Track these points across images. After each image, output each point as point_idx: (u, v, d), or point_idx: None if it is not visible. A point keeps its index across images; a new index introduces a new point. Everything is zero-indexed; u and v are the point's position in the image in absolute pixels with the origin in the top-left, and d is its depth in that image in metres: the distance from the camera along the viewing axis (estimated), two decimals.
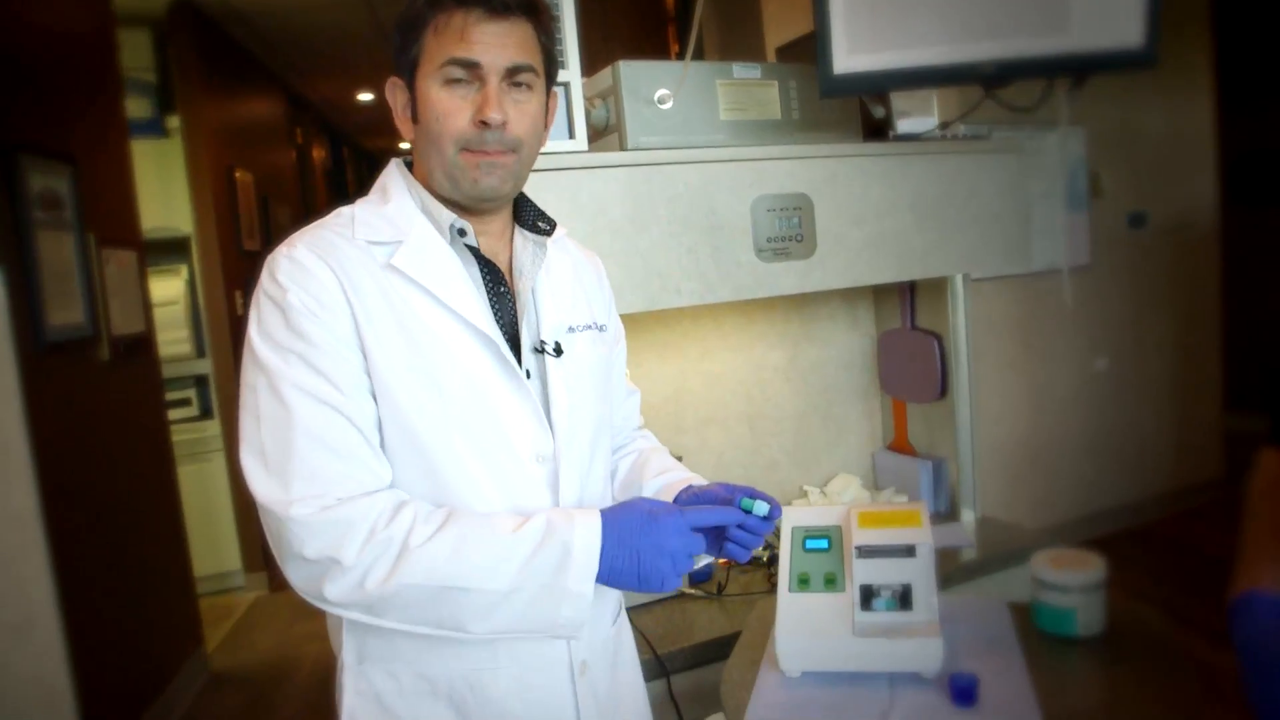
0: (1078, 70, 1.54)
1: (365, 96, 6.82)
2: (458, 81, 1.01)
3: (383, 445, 1.00)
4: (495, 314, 1.07)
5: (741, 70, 1.68)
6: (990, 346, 3.88)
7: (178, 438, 3.94)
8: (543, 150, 1.13)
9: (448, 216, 1.06)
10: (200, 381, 4.55)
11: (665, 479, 1.29)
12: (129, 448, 3.27)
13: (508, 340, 1.06)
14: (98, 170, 3.19)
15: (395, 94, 1.08)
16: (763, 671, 1.30)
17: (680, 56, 3.29)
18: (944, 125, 1.82)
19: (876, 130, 1.85)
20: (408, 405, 0.99)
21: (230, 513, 4.51)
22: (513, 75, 1.02)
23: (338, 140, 8.04)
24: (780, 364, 2.19)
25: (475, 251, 1.08)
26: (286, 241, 1.02)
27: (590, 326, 1.18)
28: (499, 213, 1.12)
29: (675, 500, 1.23)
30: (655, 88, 1.57)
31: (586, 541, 0.97)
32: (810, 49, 1.97)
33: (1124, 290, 4.27)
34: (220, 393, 4.49)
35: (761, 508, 1.05)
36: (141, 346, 3.49)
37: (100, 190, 3.20)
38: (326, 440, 0.95)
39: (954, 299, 2.02)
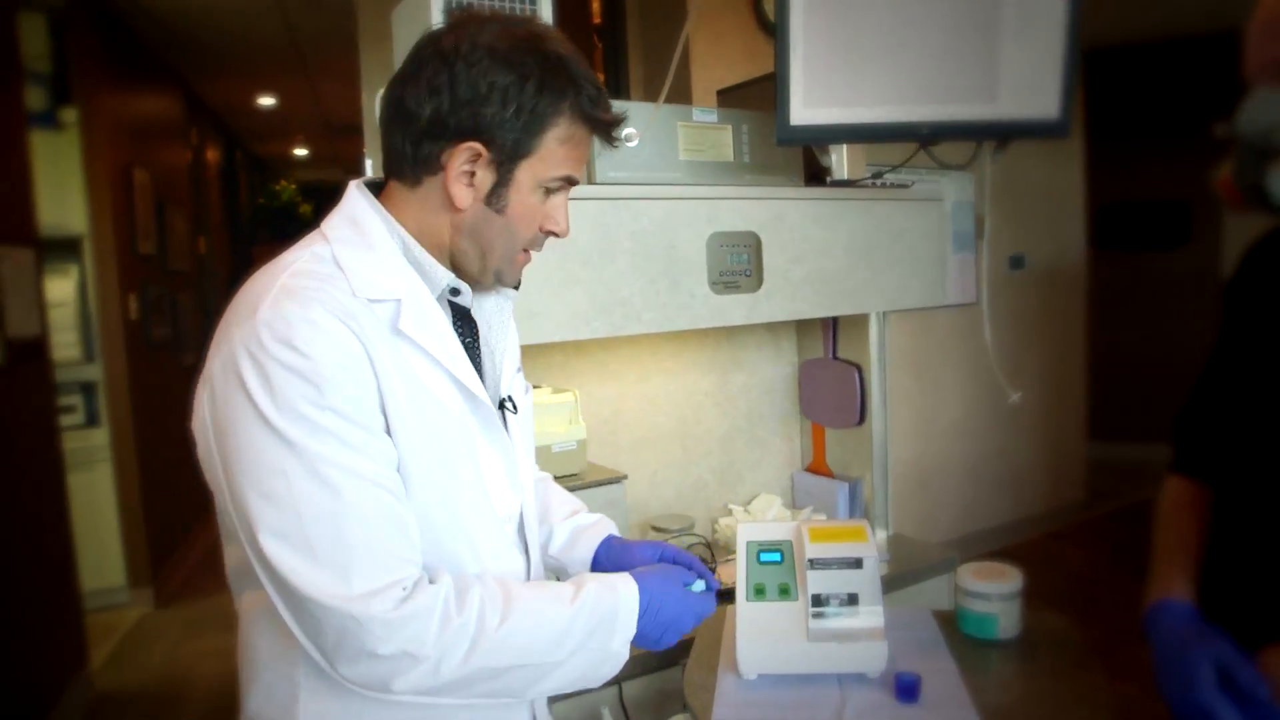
0: (1001, 135, 1.74)
1: (266, 100, 6.67)
2: (553, 191, 1.03)
3: None
4: None
5: (700, 114, 1.80)
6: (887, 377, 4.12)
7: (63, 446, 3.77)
8: None
9: (443, 274, 1.03)
10: (87, 388, 4.36)
11: (576, 523, 1.34)
12: (17, 457, 3.13)
13: None
14: None
15: (474, 162, 0.98)
16: (721, 675, 1.40)
17: (608, 87, 3.41)
18: (877, 174, 1.98)
19: (814, 176, 2.00)
20: (418, 475, 0.97)
21: (115, 525, 4.33)
22: None
23: (232, 144, 7.82)
24: (710, 389, 2.31)
25: (457, 308, 1.08)
26: (288, 297, 0.91)
27: (519, 370, 1.20)
28: None
29: (604, 554, 1.30)
30: (624, 126, 1.67)
31: (629, 606, 1.03)
32: (750, 94, 2.11)
33: (1004, 327, 4.61)
34: (111, 400, 4.31)
35: (700, 585, 1.17)
36: (36, 350, 3.34)
37: None
38: (381, 525, 0.90)
39: (873, 331, 2.19)
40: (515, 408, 1.14)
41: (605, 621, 1.01)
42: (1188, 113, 4.92)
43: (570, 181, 1.04)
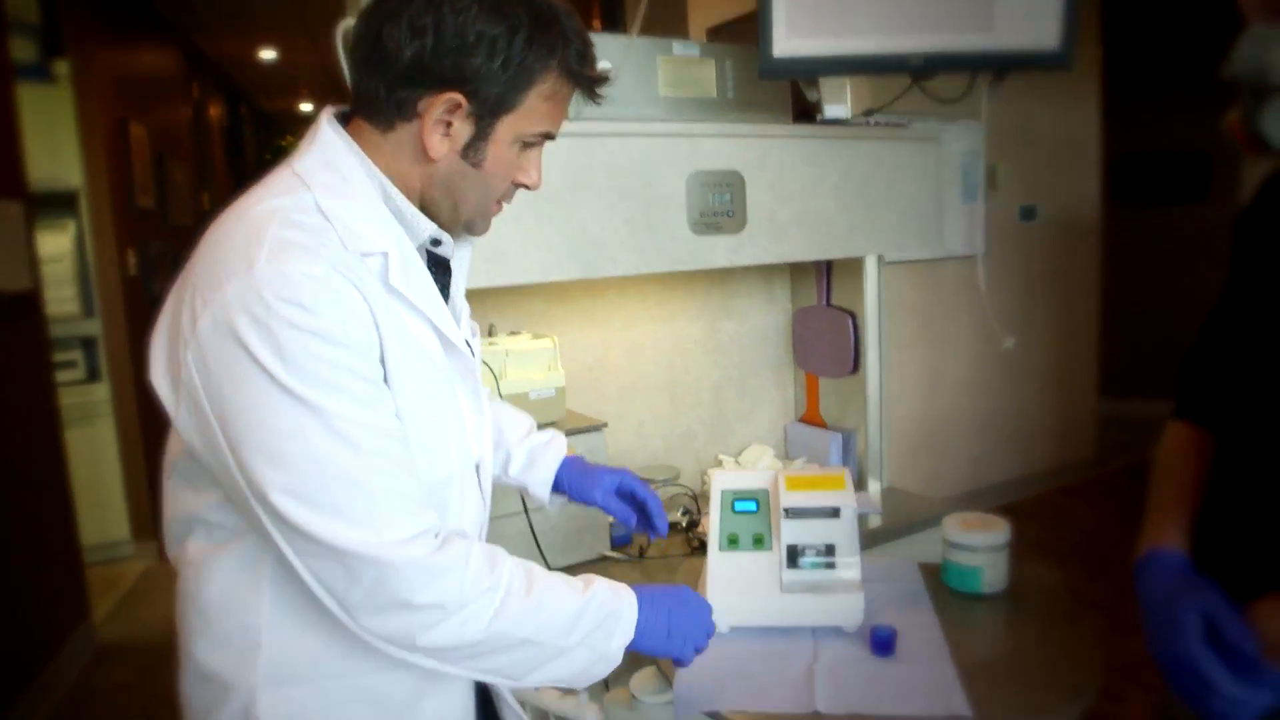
0: (998, 66, 1.64)
1: (268, 54, 6.58)
2: (530, 145, 1.00)
3: None
4: None
5: (681, 48, 1.72)
6: (890, 328, 4.05)
7: (63, 401, 3.75)
8: None
9: (426, 224, 0.99)
10: (88, 343, 4.34)
11: (532, 443, 1.36)
12: (12, 411, 3.11)
13: None
14: None
15: (453, 113, 0.93)
16: None
17: (603, 30, 3.31)
18: (868, 112, 1.90)
19: (804, 113, 1.91)
20: (411, 426, 0.95)
21: (118, 479, 4.33)
22: None
23: (235, 99, 7.73)
24: (700, 336, 2.25)
25: (434, 258, 1.04)
26: (286, 251, 0.85)
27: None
28: None
29: (566, 478, 1.34)
30: (599, 60, 1.59)
31: (630, 611, 1.03)
32: (741, 32, 2.02)
33: (1014, 279, 4.51)
34: (110, 355, 4.29)
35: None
36: (27, 305, 3.31)
37: None
38: (401, 476, 0.90)
39: (868, 278, 2.12)
40: (474, 352, 1.11)
41: (609, 620, 1.01)
42: (1210, 60, 4.76)
43: (548, 137, 1.01)
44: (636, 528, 1.34)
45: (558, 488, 1.35)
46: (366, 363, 0.88)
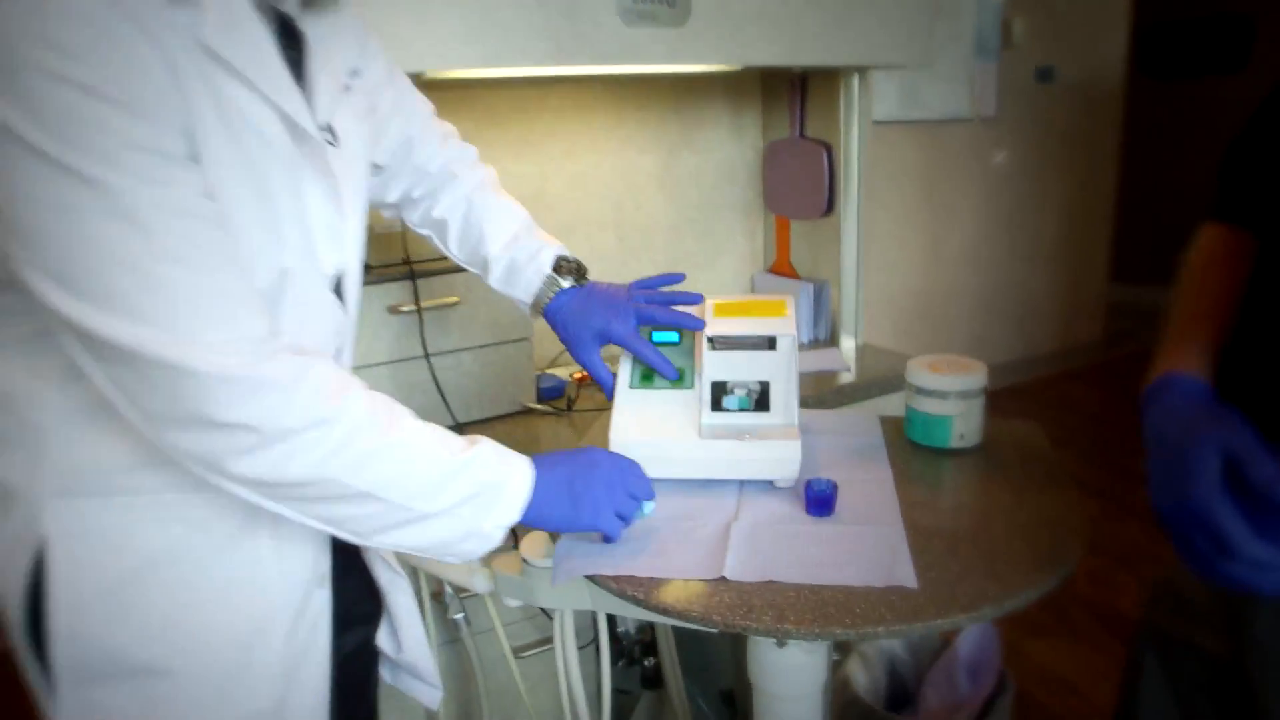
0: None
1: None
2: None
3: None
4: None
5: None
6: (890, 195, 3.75)
7: None
8: None
9: None
10: None
11: (512, 257, 1.17)
12: None
13: None
14: None
15: None
16: None
17: None
18: None
19: None
20: (234, 219, 0.77)
21: None
22: None
23: None
24: (654, 170, 1.97)
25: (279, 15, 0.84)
26: None
27: (347, 87, 0.93)
28: None
29: (561, 312, 1.15)
30: None
31: (522, 483, 0.87)
32: None
33: (1026, 146, 4.16)
34: None
35: (650, 507, 1.01)
36: None
37: None
38: (214, 270, 0.71)
39: (848, 101, 1.82)
40: (335, 138, 0.89)
41: (489, 492, 0.85)
42: None
43: None
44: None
45: (552, 318, 1.17)
46: (159, 132, 0.68)
